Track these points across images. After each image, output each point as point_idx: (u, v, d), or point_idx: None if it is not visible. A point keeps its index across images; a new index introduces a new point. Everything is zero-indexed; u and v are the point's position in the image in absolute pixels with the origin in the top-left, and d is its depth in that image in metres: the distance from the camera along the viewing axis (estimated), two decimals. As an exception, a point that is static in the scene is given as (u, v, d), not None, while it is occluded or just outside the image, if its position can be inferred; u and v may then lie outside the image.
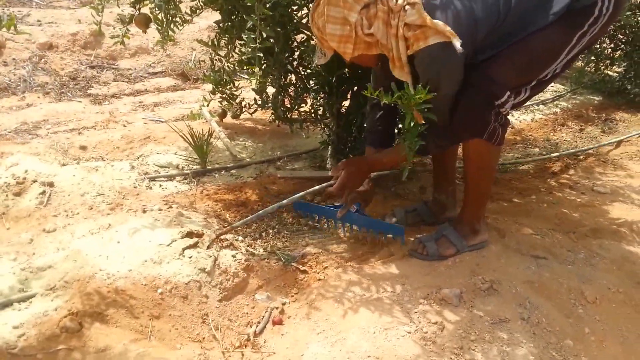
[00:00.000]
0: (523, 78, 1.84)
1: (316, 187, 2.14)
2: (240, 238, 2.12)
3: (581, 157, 3.25)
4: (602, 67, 4.55)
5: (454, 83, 1.75)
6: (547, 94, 4.63)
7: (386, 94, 1.66)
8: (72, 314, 1.57)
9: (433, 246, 2.00)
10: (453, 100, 1.78)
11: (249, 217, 2.18)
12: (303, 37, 2.59)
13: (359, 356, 1.49)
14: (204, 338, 1.66)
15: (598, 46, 4.40)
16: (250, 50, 2.13)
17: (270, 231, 2.23)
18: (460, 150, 2.34)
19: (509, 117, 1.89)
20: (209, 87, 3.63)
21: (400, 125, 2.52)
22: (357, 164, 2.08)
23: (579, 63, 4.82)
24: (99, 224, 2.07)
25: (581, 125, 3.88)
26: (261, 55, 2.19)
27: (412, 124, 1.70)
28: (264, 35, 2.22)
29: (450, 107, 1.79)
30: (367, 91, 1.71)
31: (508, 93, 1.78)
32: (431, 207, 2.32)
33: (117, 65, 5.13)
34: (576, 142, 3.57)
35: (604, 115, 4.09)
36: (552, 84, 4.82)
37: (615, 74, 4.65)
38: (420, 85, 1.64)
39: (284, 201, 2.16)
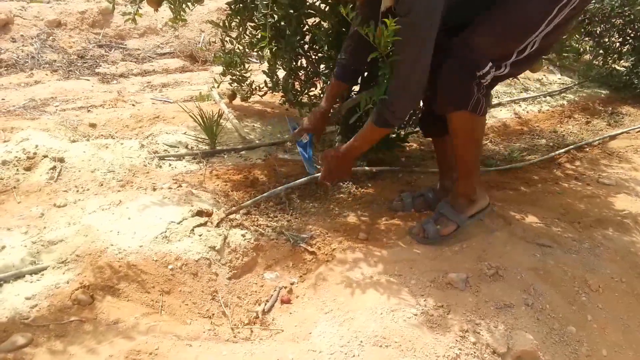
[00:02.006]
0: (503, 48, 1.81)
1: (303, 179, 2.16)
2: (250, 218, 2.14)
3: (587, 149, 3.26)
4: (610, 61, 4.54)
5: (429, 19, 1.67)
6: (554, 86, 4.63)
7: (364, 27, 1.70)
8: (84, 287, 1.60)
9: (432, 228, 2.02)
10: (427, 60, 1.73)
11: (257, 197, 2.19)
12: (314, 21, 2.58)
13: (366, 335, 1.51)
14: (213, 314, 1.69)
15: (607, 40, 4.39)
16: (261, 32, 2.14)
17: (279, 212, 2.24)
18: None
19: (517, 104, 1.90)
20: (218, 69, 3.62)
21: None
22: (335, 158, 2.05)
23: (587, 56, 4.81)
24: (109, 200, 2.08)
25: (587, 118, 3.88)
26: (272, 37, 2.19)
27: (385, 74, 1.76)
28: (276, 17, 2.22)
29: (424, 68, 1.74)
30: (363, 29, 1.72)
31: (490, 64, 1.78)
32: (437, 193, 2.34)
33: (126, 45, 5.12)
34: (582, 134, 3.58)
35: (610, 108, 4.10)
36: (560, 77, 4.82)
37: (622, 68, 4.65)
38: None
39: (294, 182, 2.17)
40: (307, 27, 2.58)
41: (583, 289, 1.86)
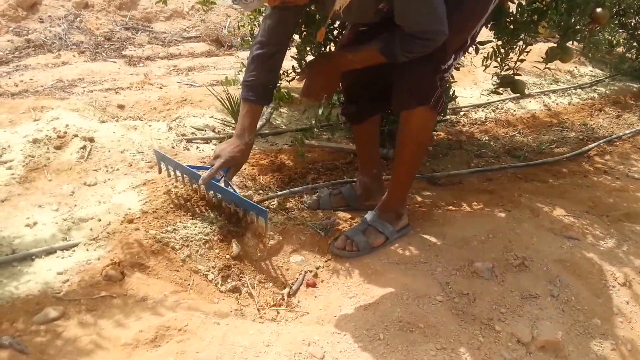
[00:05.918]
0: (461, 37, 1.73)
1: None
2: (276, 202, 2.16)
3: (617, 143, 3.20)
4: (644, 54, 4.44)
5: None
6: (585, 78, 4.54)
7: None
8: (115, 264, 1.62)
9: (362, 239, 1.86)
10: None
11: (285, 192, 2.22)
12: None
13: (391, 320, 1.52)
14: (240, 294, 1.71)
15: (641, 32, 4.28)
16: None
17: (305, 196, 2.25)
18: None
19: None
20: (243, 54, 3.62)
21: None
22: (320, 64, 1.87)
23: (620, 49, 4.70)
24: (139, 180, 2.11)
25: (618, 112, 3.81)
26: (302, 22, 2.18)
27: None
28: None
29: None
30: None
31: (453, 56, 1.73)
32: (357, 190, 2.18)
33: (152, 27, 5.15)
34: (612, 128, 3.52)
35: (642, 103, 4.02)
36: (591, 69, 4.72)
37: (657, 62, 4.53)
38: None
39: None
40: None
41: (610, 282, 1.84)
